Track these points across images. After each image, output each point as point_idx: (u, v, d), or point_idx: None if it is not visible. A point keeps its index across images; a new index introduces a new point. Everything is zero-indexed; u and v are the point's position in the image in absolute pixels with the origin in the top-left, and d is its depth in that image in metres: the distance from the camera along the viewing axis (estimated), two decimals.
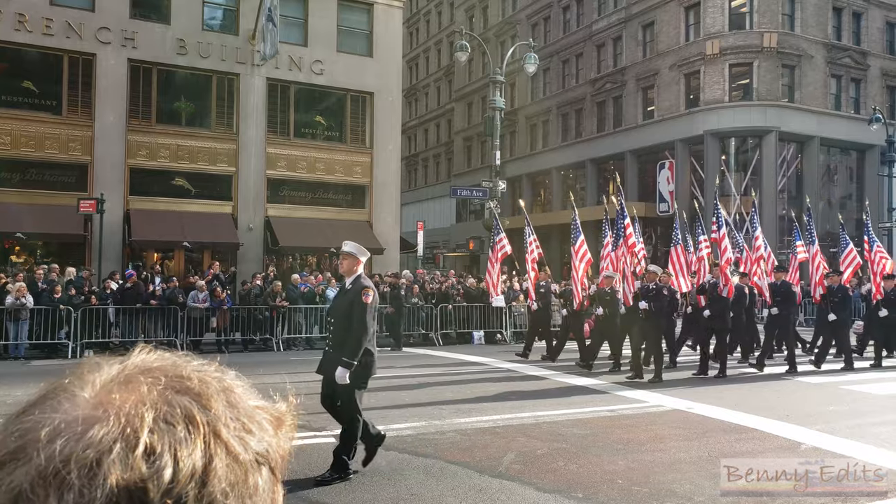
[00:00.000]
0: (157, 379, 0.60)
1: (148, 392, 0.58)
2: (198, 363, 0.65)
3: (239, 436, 0.59)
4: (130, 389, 0.59)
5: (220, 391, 0.62)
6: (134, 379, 0.60)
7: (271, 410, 0.66)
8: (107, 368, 0.62)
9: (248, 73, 22.85)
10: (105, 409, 0.56)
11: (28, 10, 20.20)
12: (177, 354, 0.66)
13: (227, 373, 0.66)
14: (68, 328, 15.09)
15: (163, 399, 0.58)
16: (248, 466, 0.59)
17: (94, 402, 0.57)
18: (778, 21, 32.21)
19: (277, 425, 0.65)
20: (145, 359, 0.64)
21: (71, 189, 20.66)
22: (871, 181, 33.29)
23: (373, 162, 24.86)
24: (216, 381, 0.63)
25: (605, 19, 38.40)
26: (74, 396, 0.58)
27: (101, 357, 0.65)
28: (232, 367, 0.68)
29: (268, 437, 0.62)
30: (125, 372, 0.61)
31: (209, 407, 0.59)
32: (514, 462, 6.57)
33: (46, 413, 0.57)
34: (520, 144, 44.79)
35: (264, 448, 0.61)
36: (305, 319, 17.39)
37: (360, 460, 6.26)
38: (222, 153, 22.84)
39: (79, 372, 0.62)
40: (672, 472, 6.24)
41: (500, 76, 23.94)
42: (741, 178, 32.33)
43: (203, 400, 0.59)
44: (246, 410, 0.62)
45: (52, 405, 0.58)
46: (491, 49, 38.09)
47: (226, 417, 0.60)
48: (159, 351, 0.66)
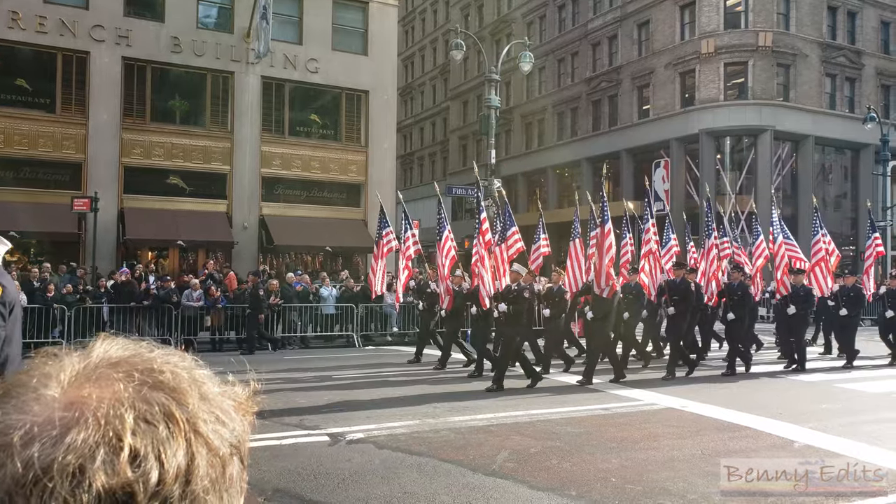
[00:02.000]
0: (130, 374, 0.58)
1: (123, 389, 0.56)
2: (162, 352, 0.63)
3: (216, 430, 0.58)
4: (103, 386, 0.56)
5: (192, 383, 0.60)
6: (104, 374, 0.57)
7: (233, 396, 0.65)
8: (68, 361, 0.59)
9: (243, 71, 22.81)
10: (80, 409, 0.53)
11: (22, 7, 20.12)
12: (140, 343, 0.64)
13: (187, 358, 0.64)
14: (62, 327, 15.04)
15: (140, 397, 0.56)
16: (225, 459, 0.58)
17: (64, 401, 0.54)
18: (773, 20, 32.27)
19: (240, 410, 0.64)
20: (109, 350, 0.62)
21: (65, 187, 20.60)
22: (866, 180, 33.37)
23: (368, 160, 24.83)
24: (186, 373, 0.61)
25: (600, 18, 38.41)
26: (41, 396, 0.55)
27: (58, 348, 0.62)
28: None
29: (237, 427, 0.62)
30: (92, 366, 0.59)
31: (185, 402, 0.58)
32: (507, 460, 6.56)
33: (12, 414, 0.53)
34: (515, 143, 44.79)
35: (236, 438, 0.61)
36: (300, 318, 17.37)
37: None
38: (217, 151, 22.79)
39: (37, 366, 0.59)
40: (666, 471, 6.24)
41: (495, 75, 23.92)
42: (736, 178, 32.39)
43: (179, 395, 0.58)
44: (217, 401, 0.61)
45: (17, 405, 0.54)
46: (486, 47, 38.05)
47: (202, 412, 0.58)
48: (121, 339, 0.64)
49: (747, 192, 32.08)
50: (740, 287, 13.08)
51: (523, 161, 43.38)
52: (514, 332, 11.07)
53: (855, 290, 14.10)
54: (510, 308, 10.92)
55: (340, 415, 8.39)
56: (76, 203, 18.72)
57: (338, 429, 7.66)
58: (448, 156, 52.09)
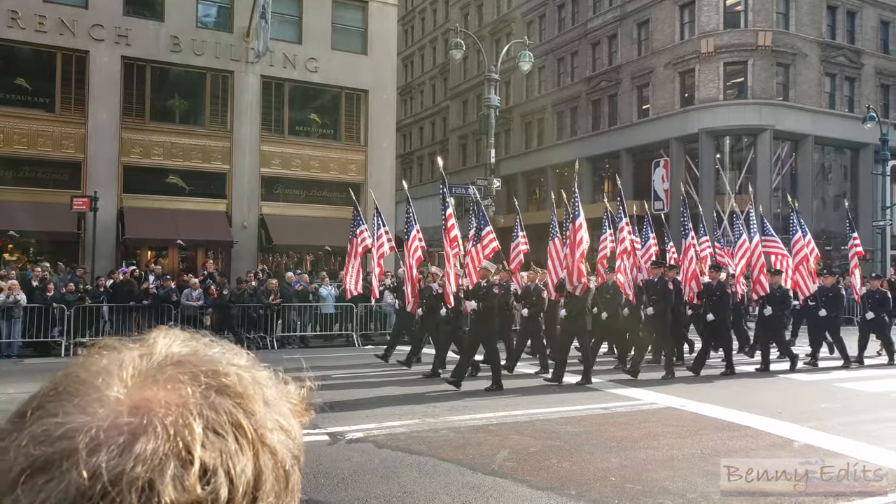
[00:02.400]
0: (195, 376, 0.54)
1: (191, 394, 0.52)
2: (221, 350, 0.59)
3: (281, 440, 0.55)
4: (169, 389, 0.52)
5: (255, 387, 0.56)
6: (170, 376, 0.54)
7: (292, 398, 0.61)
8: (129, 357, 0.55)
9: (243, 70, 22.80)
10: (146, 415, 0.50)
11: (21, 6, 20.11)
12: (198, 338, 0.60)
13: (244, 355, 0.61)
14: (61, 326, 15.04)
15: (207, 403, 0.52)
16: (289, 472, 0.55)
17: (129, 404, 0.50)
18: (772, 19, 32.28)
19: (296, 414, 0.61)
20: (170, 346, 0.58)
21: (64, 187, 20.59)
22: (865, 179, 33.40)
23: (367, 160, 24.83)
24: (249, 375, 0.57)
25: (600, 17, 38.41)
26: (104, 395, 0.51)
27: (116, 340, 0.58)
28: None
29: (298, 434, 0.59)
30: (155, 364, 0.55)
31: (252, 410, 0.54)
32: (507, 459, 6.56)
33: (73, 415, 0.49)
34: (515, 142, 44.79)
35: (298, 448, 0.58)
36: (300, 318, 17.37)
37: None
38: (216, 151, 22.78)
39: (96, 360, 0.55)
40: (665, 470, 6.25)
41: (495, 74, 23.93)
42: (736, 177, 32.40)
43: (245, 402, 0.54)
44: (279, 407, 0.58)
45: (80, 405, 0.50)
46: (486, 47, 38.06)
47: (268, 420, 0.55)
48: (181, 332, 0.60)
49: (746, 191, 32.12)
50: (718, 287, 12.91)
51: (523, 160, 43.38)
52: (476, 335, 10.95)
53: (834, 290, 14.06)
54: (479, 305, 10.82)
55: (340, 414, 8.39)
56: (75, 202, 18.71)
57: (337, 428, 7.65)
58: (448, 155, 52.09)
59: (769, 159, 31.61)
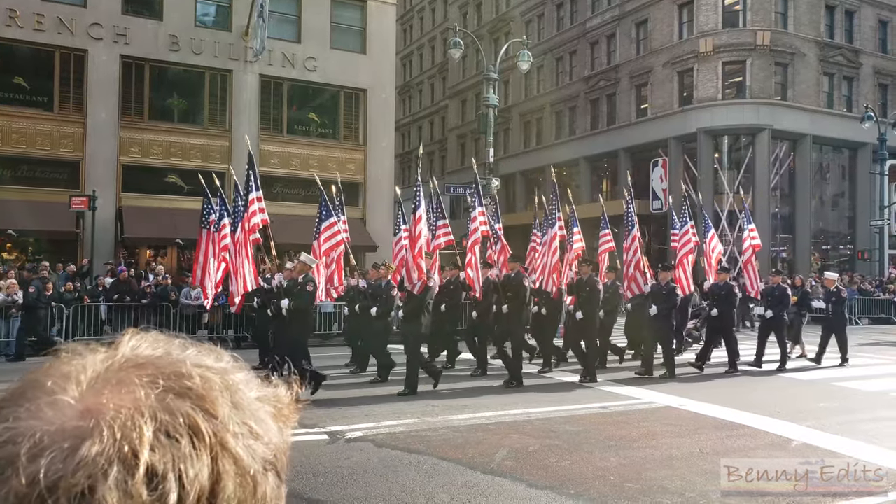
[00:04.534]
0: (154, 379, 0.52)
1: (145, 397, 0.50)
2: (195, 353, 0.58)
3: (247, 444, 0.52)
4: (123, 392, 0.50)
5: (223, 390, 0.54)
6: (126, 378, 0.52)
7: (273, 401, 0.59)
8: (91, 360, 0.54)
9: (241, 69, 22.78)
10: (95, 418, 0.48)
11: (19, 5, 20.09)
12: (173, 341, 0.59)
13: (224, 358, 0.59)
14: (60, 325, 15.02)
15: (162, 406, 0.50)
16: (257, 478, 0.52)
17: (80, 408, 0.49)
18: (771, 19, 32.30)
19: (279, 418, 0.58)
20: (136, 348, 0.56)
21: (63, 186, 20.56)
22: (863, 179, 33.44)
23: (366, 159, 24.83)
24: (219, 378, 0.55)
25: (598, 17, 38.41)
26: (57, 400, 0.49)
27: (84, 345, 0.56)
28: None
29: (274, 439, 0.56)
30: (114, 367, 0.53)
31: (214, 413, 0.52)
32: (506, 459, 6.57)
33: (23, 420, 0.48)
34: (514, 142, 44.80)
35: (272, 453, 0.55)
36: None
37: None
38: (215, 150, 22.76)
39: (58, 364, 0.54)
40: (664, 469, 6.26)
41: (493, 73, 23.93)
42: (734, 176, 32.43)
43: (207, 404, 0.52)
44: (251, 410, 0.55)
45: (31, 410, 0.49)
46: (485, 46, 38.07)
47: (232, 424, 0.52)
48: (152, 335, 0.58)
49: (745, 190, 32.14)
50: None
51: (522, 160, 43.38)
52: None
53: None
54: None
55: (339, 413, 8.39)
56: (74, 201, 18.69)
57: (336, 427, 7.66)
58: (447, 154, 52.08)
59: (767, 159, 31.64)
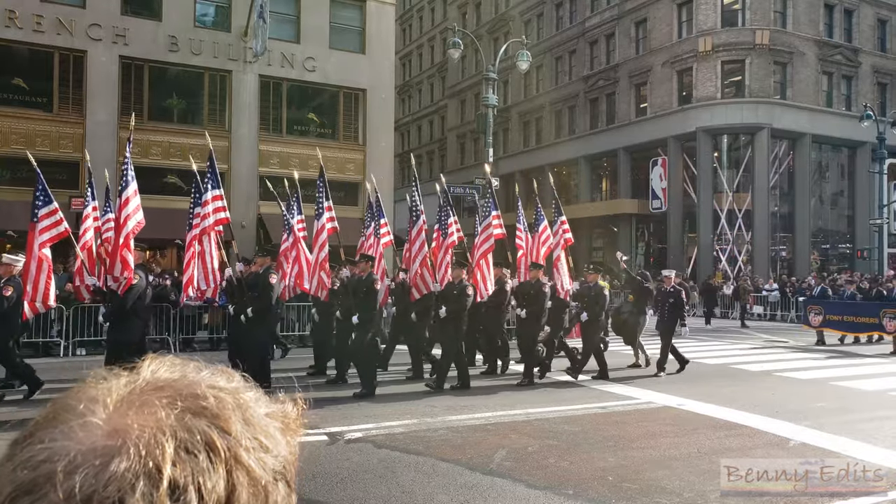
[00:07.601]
0: (173, 400, 0.58)
1: (165, 417, 0.56)
2: (209, 375, 0.63)
3: (258, 457, 0.58)
4: (146, 413, 0.56)
5: (235, 408, 0.60)
6: (148, 400, 0.57)
7: (280, 416, 0.65)
8: (115, 385, 0.60)
9: (241, 69, 22.78)
10: (122, 437, 0.53)
11: (18, 6, 20.08)
12: (188, 364, 0.64)
13: (235, 379, 0.64)
14: (60, 326, 15.03)
15: (181, 424, 0.56)
16: (268, 488, 0.58)
17: (108, 429, 0.54)
18: (770, 18, 32.33)
19: (286, 431, 0.64)
20: (156, 372, 0.62)
21: (62, 187, 20.54)
22: (862, 178, 33.48)
23: (366, 159, 24.82)
24: (231, 398, 0.60)
25: (597, 16, 38.43)
26: (87, 422, 0.55)
27: (108, 370, 0.62)
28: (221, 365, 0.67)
29: (282, 451, 0.61)
30: (137, 390, 0.59)
31: (228, 430, 0.57)
32: (505, 459, 6.59)
33: (59, 441, 0.53)
34: (513, 141, 44.82)
35: (281, 464, 0.60)
36: (298, 318, 17.38)
37: None
38: (215, 150, 22.67)
39: (86, 389, 0.59)
40: (662, 469, 6.28)
41: (492, 73, 23.93)
42: (734, 175, 32.46)
43: (221, 422, 0.58)
44: (261, 426, 0.61)
45: (64, 431, 0.54)
46: (484, 46, 38.09)
47: (244, 439, 0.58)
48: (170, 359, 0.64)
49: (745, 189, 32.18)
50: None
51: (521, 159, 43.40)
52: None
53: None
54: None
55: (339, 414, 8.41)
56: (74, 202, 18.70)
57: (336, 428, 7.68)
58: (446, 154, 52.10)
59: (767, 158, 31.68)
